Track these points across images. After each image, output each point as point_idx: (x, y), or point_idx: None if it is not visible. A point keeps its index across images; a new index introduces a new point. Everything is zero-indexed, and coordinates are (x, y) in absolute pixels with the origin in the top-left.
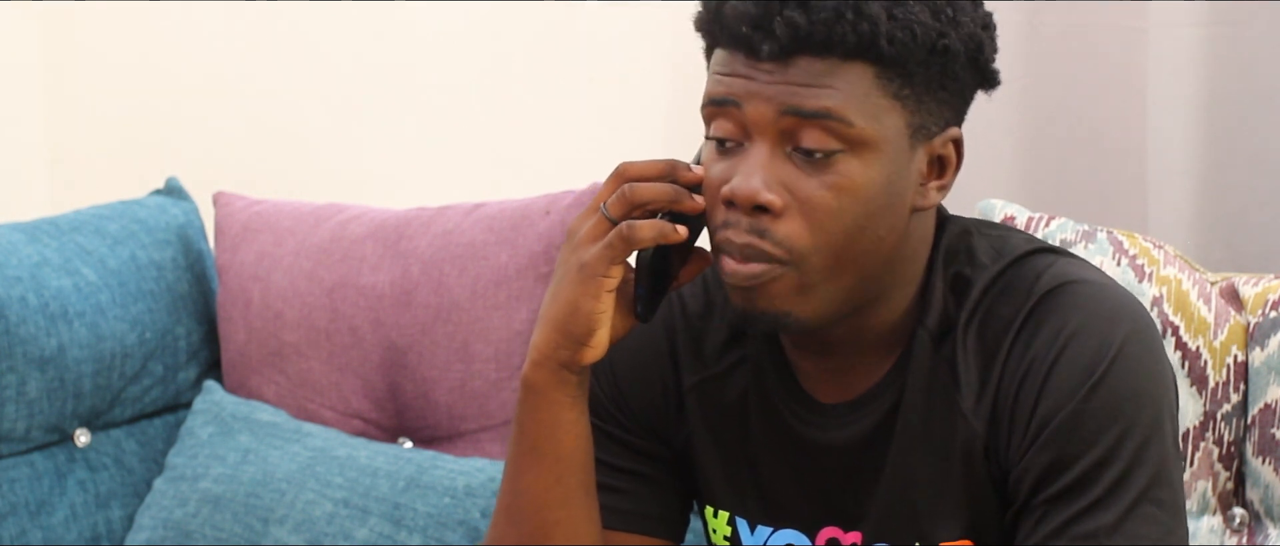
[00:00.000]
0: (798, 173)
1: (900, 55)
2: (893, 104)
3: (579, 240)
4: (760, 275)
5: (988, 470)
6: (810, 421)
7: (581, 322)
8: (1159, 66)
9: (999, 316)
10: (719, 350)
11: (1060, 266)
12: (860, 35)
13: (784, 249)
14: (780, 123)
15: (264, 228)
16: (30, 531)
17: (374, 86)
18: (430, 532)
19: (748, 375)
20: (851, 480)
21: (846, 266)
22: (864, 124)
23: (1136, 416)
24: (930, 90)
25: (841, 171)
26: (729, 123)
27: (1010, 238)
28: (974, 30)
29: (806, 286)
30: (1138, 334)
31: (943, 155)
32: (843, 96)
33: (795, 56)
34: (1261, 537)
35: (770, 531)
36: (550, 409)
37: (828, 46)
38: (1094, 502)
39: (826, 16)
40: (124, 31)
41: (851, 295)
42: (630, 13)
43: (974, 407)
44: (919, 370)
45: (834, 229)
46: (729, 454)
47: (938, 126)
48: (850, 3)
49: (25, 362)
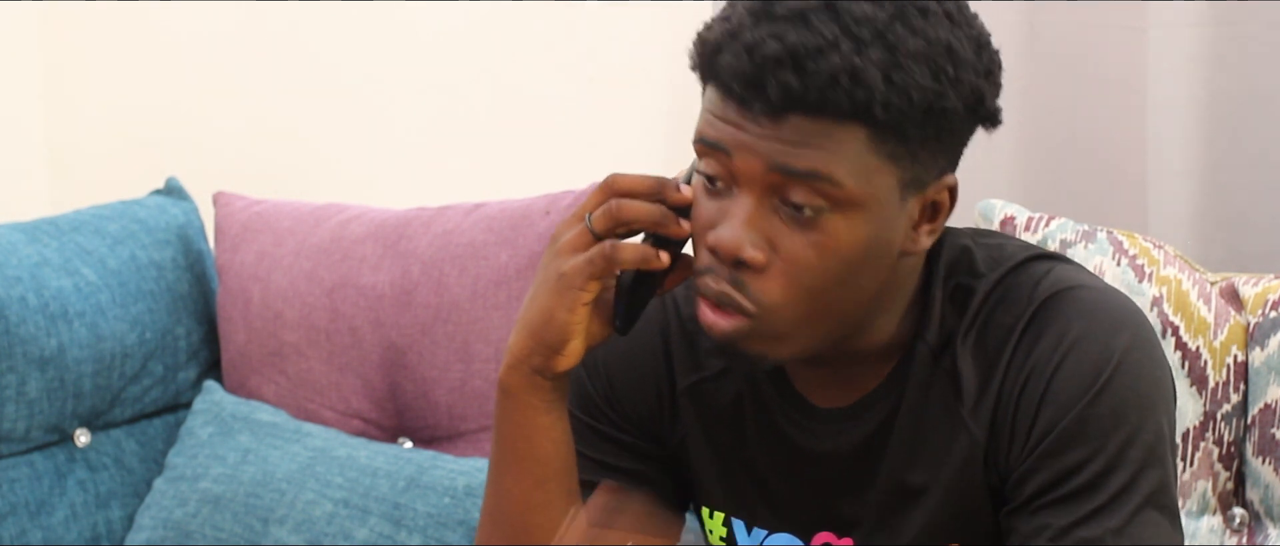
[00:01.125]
0: (783, 227)
1: (895, 120)
2: (885, 164)
3: (560, 247)
4: (734, 330)
5: (985, 477)
6: (805, 426)
7: (555, 331)
8: (1159, 66)
9: (999, 324)
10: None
11: (1058, 272)
12: (855, 100)
13: (758, 304)
14: (768, 178)
15: (264, 228)
16: (30, 531)
17: (374, 86)
18: (430, 532)
19: (742, 377)
20: (846, 486)
21: (822, 316)
22: (854, 184)
23: (1141, 422)
24: (925, 146)
25: (827, 230)
26: (718, 165)
27: (1006, 245)
28: (975, 83)
29: (781, 336)
30: (1139, 340)
31: (936, 201)
32: (833, 158)
33: (788, 114)
34: (1261, 537)
35: (766, 533)
36: (525, 412)
37: (821, 108)
38: (1098, 508)
39: (821, 81)
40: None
41: (831, 334)
42: (630, 13)
43: (975, 414)
44: (918, 379)
45: (813, 286)
46: (724, 456)
47: (931, 177)
48: (846, 66)
49: (25, 362)
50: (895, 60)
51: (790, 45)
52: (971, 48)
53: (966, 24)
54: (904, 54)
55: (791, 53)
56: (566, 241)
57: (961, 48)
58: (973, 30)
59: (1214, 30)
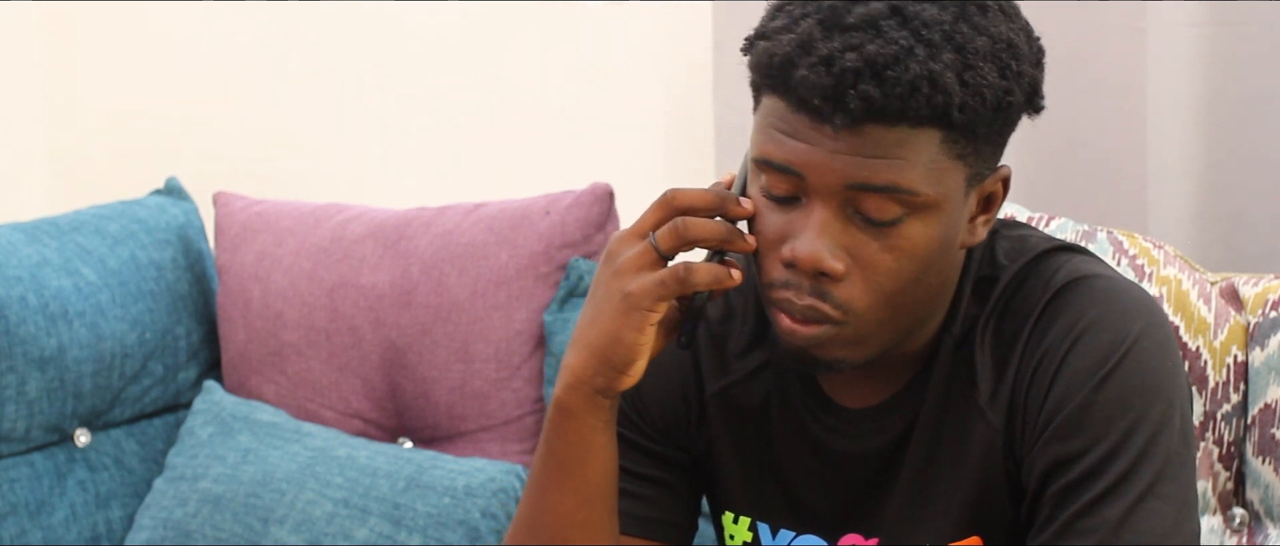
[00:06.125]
0: (859, 235)
1: (969, 120)
2: (955, 163)
3: (622, 266)
4: (820, 336)
5: (1004, 466)
6: (833, 427)
7: (622, 353)
8: (1159, 66)
9: (1016, 312)
10: (741, 355)
11: (1077, 263)
12: (934, 106)
13: (843, 310)
14: (845, 193)
15: (264, 227)
16: (30, 531)
17: (374, 86)
18: (430, 532)
19: (770, 379)
20: (874, 487)
21: (899, 315)
22: (928, 189)
23: (1146, 409)
24: (990, 141)
25: (904, 234)
26: (786, 184)
27: (1029, 236)
28: (1033, 74)
29: (862, 339)
30: (1152, 329)
31: (992, 193)
32: (909, 166)
33: (865, 125)
34: (1261, 537)
35: (792, 535)
36: (581, 432)
37: (900, 117)
38: (1100, 495)
39: (902, 91)
40: (124, 31)
41: (899, 333)
42: (630, 13)
43: (991, 402)
44: (940, 374)
45: (892, 288)
46: (751, 459)
47: (990, 169)
48: (924, 73)
49: (25, 362)
50: (966, 61)
51: (869, 56)
52: (1025, 39)
53: (1016, 14)
54: (973, 54)
55: (870, 63)
56: (629, 260)
57: (1019, 41)
58: (1022, 21)
59: (1214, 30)
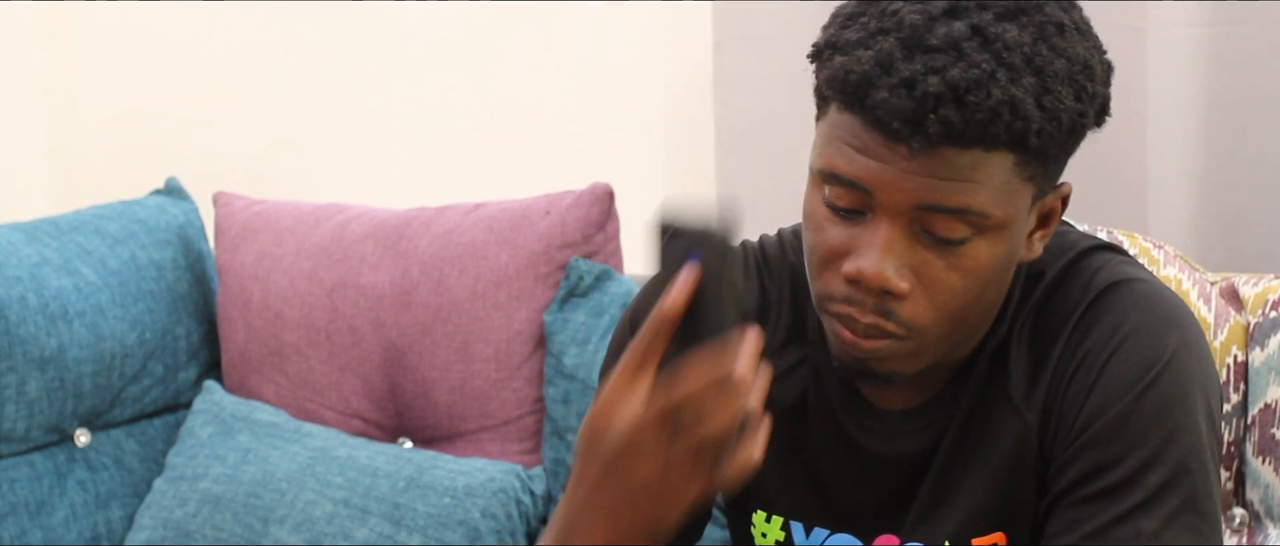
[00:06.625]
0: (925, 253)
1: (1044, 144)
2: (1025, 184)
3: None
4: (881, 350)
5: (1035, 464)
6: (870, 429)
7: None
8: (1159, 66)
9: (1055, 310)
10: (777, 350)
11: (1117, 264)
12: (1012, 132)
13: (907, 328)
14: (913, 212)
15: (264, 227)
16: (30, 531)
17: (374, 87)
18: (430, 532)
19: (807, 377)
20: (908, 489)
21: (958, 330)
22: (998, 212)
23: (1184, 422)
24: (1059, 161)
25: (970, 253)
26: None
27: (1069, 234)
28: (1104, 93)
29: (919, 353)
30: (1192, 340)
31: (1052, 209)
32: (981, 188)
33: (941, 148)
34: (1261, 537)
35: (827, 534)
36: None
37: (978, 141)
38: (1136, 506)
39: (982, 116)
40: (124, 31)
41: (955, 346)
42: (630, 13)
43: (1026, 399)
44: (978, 374)
45: (955, 306)
46: (786, 457)
47: (1052, 186)
48: (1006, 99)
49: (25, 362)
50: (1045, 86)
51: (951, 81)
52: (1098, 58)
53: (1089, 30)
54: (1052, 78)
55: (952, 88)
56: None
57: (1094, 60)
58: (1095, 37)
59: (1214, 30)
